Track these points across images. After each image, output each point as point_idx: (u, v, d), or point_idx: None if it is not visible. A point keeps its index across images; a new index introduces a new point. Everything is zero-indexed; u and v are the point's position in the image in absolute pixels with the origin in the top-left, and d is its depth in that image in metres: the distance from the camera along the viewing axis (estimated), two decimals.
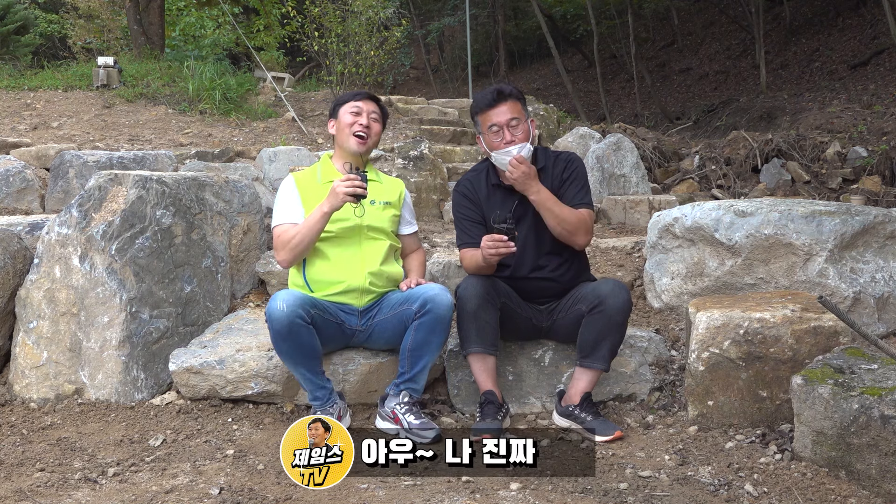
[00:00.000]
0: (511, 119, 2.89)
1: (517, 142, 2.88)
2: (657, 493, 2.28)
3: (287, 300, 2.71)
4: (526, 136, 2.91)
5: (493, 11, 20.87)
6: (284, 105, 8.57)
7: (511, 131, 2.89)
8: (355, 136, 3.05)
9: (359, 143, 3.05)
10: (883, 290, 3.31)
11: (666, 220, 3.69)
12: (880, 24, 13.55)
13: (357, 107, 3.09)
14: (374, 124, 3.11)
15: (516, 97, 2.95)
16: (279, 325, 2.70)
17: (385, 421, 2.85)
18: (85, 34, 15.95)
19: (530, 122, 2.97)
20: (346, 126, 3.06)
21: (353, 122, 3.06)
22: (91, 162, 5.14)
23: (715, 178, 8.74)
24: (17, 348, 3.27)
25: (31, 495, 2.32)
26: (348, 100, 3.13)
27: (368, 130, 3.08)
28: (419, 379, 2.88)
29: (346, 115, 3.08)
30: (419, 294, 2.86)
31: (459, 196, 3.06)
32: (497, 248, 2.71)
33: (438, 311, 2.80)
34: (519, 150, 2.86)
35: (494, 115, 2.91)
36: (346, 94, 3.18)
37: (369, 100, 3.14)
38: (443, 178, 6.06)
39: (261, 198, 4.10)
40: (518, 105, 2.93)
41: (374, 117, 3.11)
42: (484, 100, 2.95)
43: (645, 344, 3.16)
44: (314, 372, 2.79)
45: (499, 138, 2.90)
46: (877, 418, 2.21)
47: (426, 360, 2.86)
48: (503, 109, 2.90)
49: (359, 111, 3.08)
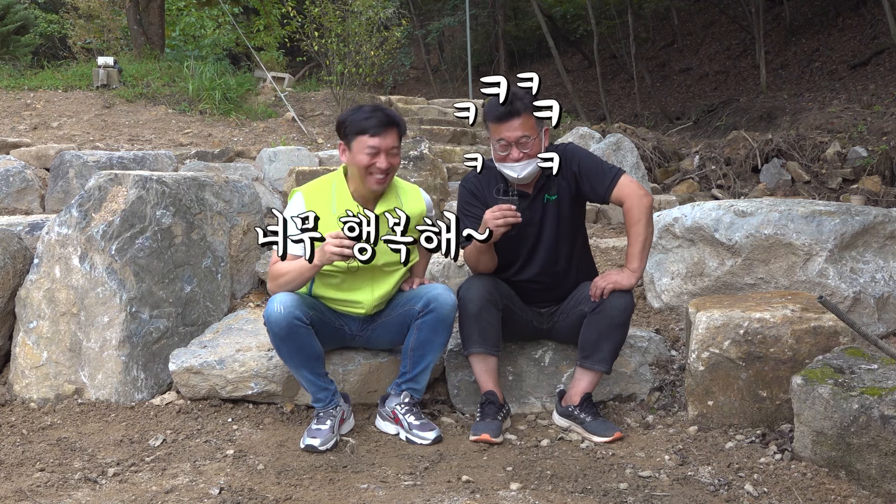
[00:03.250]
0: (521, 137, 2.76)
1: (524, 159, 2.77)
2: (657, 493, 2.28)
3: (284, 302, 2.67)
4: (536, 152, 2.77)
5: (493, 11, 20.85)
6: (284, 105, 8.57)
7: (519, 149, 2.77)
8: (373, 175, 2.77)
9: (378, 181, 2.77)
10: (883, 290, 3.31)
11: (666, 220, 3.69)
12: (880, 24, 13.55)
13: (374, 148, 2.73)
14: (395, 159, 2.79)
15: (529, 112, 2.73)
16: (277, 328, 2.67)
17: (385, 421, 2.85)
18: (85, 34, 15.95)
19: (543, 132, 2.83)
20: (363, 168, 2.75)
21: (371, 163, 2.74)
22: (91, 162, 5.14)
23: (715, 178, 8.74)
24: (17, 348, 3.27)
25: (31, 495, 2.33)
26: (363, 129, 2.73)
27: (391, 170, 2.79)
28: (421, 379, 2.87)
29: (360, 155, 2.74)
30: (422, 294, 2.84)
31: (466, 192, 2.97)
32: (505, 218, 2.61)
33: (442, 311, 2.79)
34: (523, 168, 2.76)
35: (504, 129, 2.75)
36: (360, 117, 2.76)
37: (387, 130, 2.75)
38: (443, 179, 6.06)
39: (261, 198, 4.10)
40: (531, 120, 2.74)
41: (394, 152, 2.78)
42: (496, 111, 2.74)
43: (645, 344, 3.16)
44: (316, 374, 2.77)
45: (505, 152, 2.79)
46: (877, 418, 2.21)
47: (428, 359, 2.85)
48: (514, 125, 2.74)
49: (376, 151, 2.73)
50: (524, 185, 2.91)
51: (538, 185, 2.91)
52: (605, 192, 2.85)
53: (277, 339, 2.70)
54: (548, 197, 2.90)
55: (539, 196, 2.91)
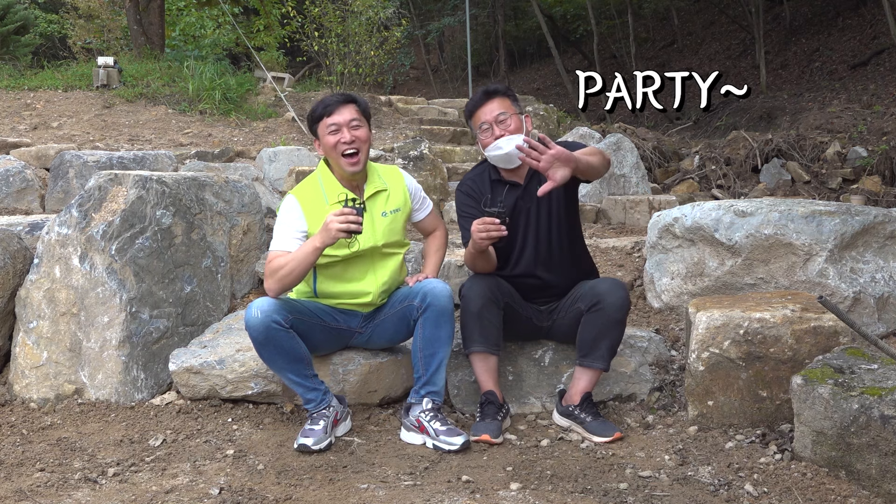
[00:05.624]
0: (499, 115, 2.88)
1: (507, 135, 2.86)
2: (657, 493, 2.28)
3: (262, 307, 2.67)
4: (518, 130, 2.89)
5: (493, 11, 20.85)
6: (284, 105, 8.57)
7: (499, 126, 2.88)
8: (344, 156, 2.81)
9: (351, 163, 2.81)
10: (883, 290, 3.31)
11: (666, 220, 3.69)
12: (880, 24, 13.55)
13: (334, 123, 2.80)
14: (359, 132, 2.82)
15: (504, 94, 2.94)
16: (256, 333, 2.67)
17: (410, 432, 2.77)
18: (85, 34, 15.96)
19: (525, 118, 2.95)
20: (331, 148, 2.81)
21: (336, 141, 2.80)
22: (91, 162, 5.14)
23: (715, 178, 8.74)
24: (17, 348, 3.27)
25: (31, 495, 2.33)
26: (320, 115, 2.83)
27: (356, 143, 2.81)
28: (437, 380, 2.83)
29: (326, 137, 2.82)
30: (418, 289, 2.85)
31: (462, 195, 3.03)
32: (489, 232, 2.66)
33: (439, 303, 2.78)
34: (507, 142, 2.84)
35: (482, 113, 2.91)
36: (316, 107, 2.87)
37: (342, 106, 2.83)
38: (443, 178, 6.06)
39: (261, 198, 4.10)
40: (507, 101, 2.92)
41: (355, 124, 2.82)
42: (472, 101, 2.95)
43: (645, 344, 3.16)
44: (302, 375, 2.76)
45: (488, 135, 2.90)
46: (877, 418, 2.21)
47: (439, 356, 2.81)
48: (491, 107, 2.89)
49: (337, 127, 2.80)
50: (513, 172, 2.94)
51: (528, 174, 2.94)
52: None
53: (257, 344, 2.71)
54: None
55: (531, 184, 2.93)
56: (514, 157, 2.86)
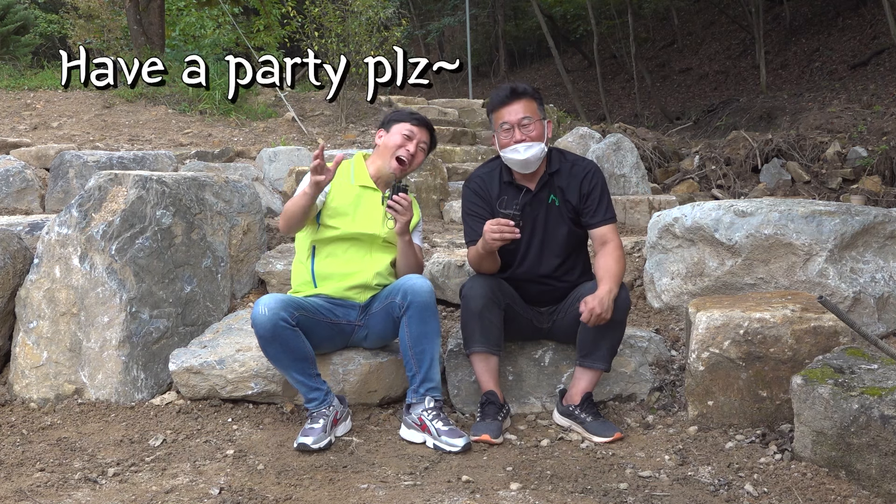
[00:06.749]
0: (523, 118, 2.84)
1: (527, 141, 2.84)
2: (657, 493, 2.28)
3: (269, 304, 2.71)
4: (539, 136, 2.86)
5: (493, 11, 20.88)
6: (284, 105, 8.57)
7: (522, 130, 2.84)
8: (397, 159, 3.01)
9: (398, 168, 3.02)
10: (883, 290, 3.31)
11: (666, 220, 3.69)
12: (880, 24, 13.56)
13: (411, 131, 3.05)
14: (419, 154, 3.07)
15: (531, 96, 2.89)
16: (263, 330, 2.70)
17: (411, 430, 2.78)
18: (85, 34, 15.95)
19: (546, 123, 2.91)
20: (393, 146, 3.03)
21: (402, 144, 3.02)
22: (91, 162, 5.13)
23: (715, 178, 8.74)
24: (17, 348, 3.27)
25: (31, 495, 2.33)
26: (406, 119, 3.08)
27: (412, 159, 3.05)
28: (433, 375, 2.82)
29: (396, 135, 3.04)
30: (398, 286, 2.87)
31: (470, 192, 3.00)
32: (502, 233, 2.66)
33: (421, 300, 2.79)
34: (527, 149, 2.83)
35: (507, 112, 2.87)
36: (405, 112, 3.13)
37: (425, 128, 3.09)
38: (443, 178, 6.05)
39: (261, 198, 4.10)
40: (533, 104, 2.88)
41: (422, 147, 3.08)
42: (498, 97, 2.90)
43: (645, 344, 3.16)
44: (306, 374, 2.77)
45: (508, 136, 2.86)
46: (877, 418, 2.21)
47: (430, 352, 2.81)
48: (516, 108, 2.86)
49: (411, 136, 3.04)
50: (527, 177, 2.93)
51: (541, 181, 2.93)
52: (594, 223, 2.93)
53: (264, 342, 2.73)
54: (553, 197, 2.94)
55: (541, 193, 2.93)
56: (530, 164, 2.86)
